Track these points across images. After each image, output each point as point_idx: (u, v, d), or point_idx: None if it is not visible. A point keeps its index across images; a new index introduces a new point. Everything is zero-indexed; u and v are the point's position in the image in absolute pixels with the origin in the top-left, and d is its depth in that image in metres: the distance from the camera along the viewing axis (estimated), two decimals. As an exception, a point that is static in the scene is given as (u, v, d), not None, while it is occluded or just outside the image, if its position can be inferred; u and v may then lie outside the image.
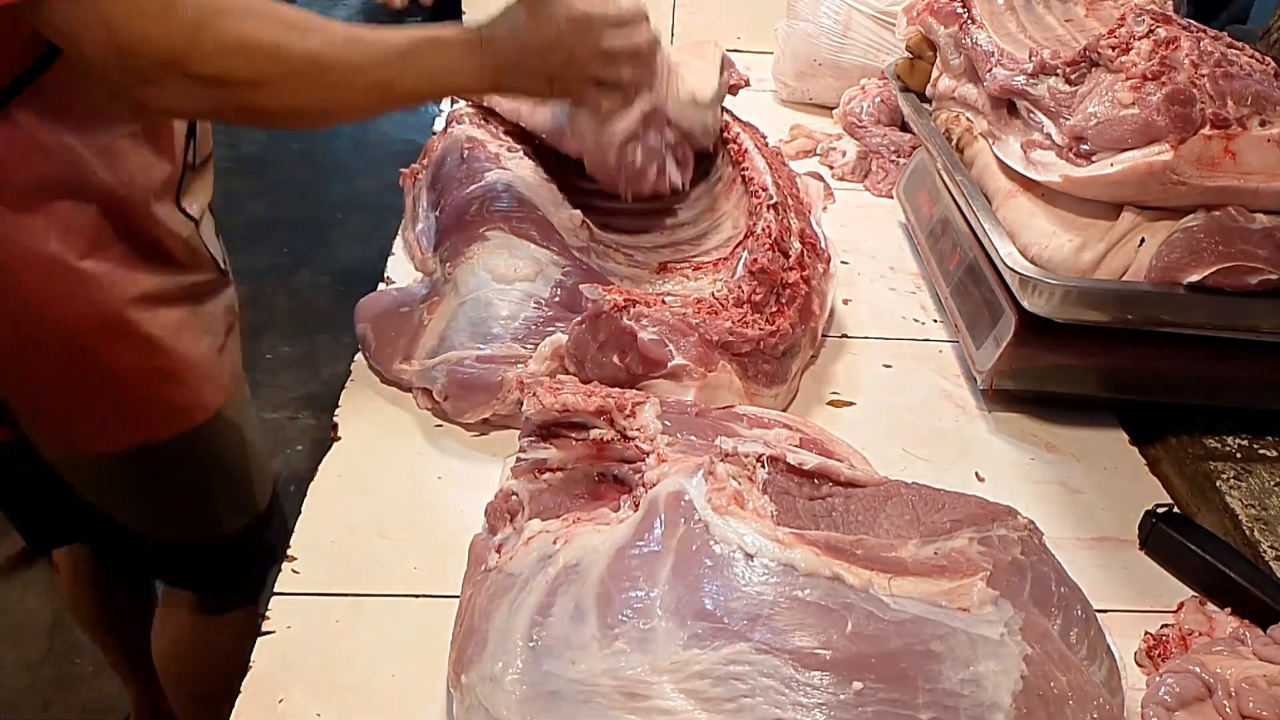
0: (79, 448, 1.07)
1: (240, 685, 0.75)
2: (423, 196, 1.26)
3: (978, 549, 0.67)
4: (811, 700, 0.56)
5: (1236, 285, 0.92)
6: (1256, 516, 0.92)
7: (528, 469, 0.79)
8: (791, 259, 1.06)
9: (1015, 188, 1.05)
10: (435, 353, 0.99)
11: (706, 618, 0.59)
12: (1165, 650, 0.79)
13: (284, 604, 0.80)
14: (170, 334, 1.02)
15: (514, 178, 1.12)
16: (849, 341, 1.19)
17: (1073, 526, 0.95)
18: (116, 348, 0.99)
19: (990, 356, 1.04)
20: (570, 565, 0.66)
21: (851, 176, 1.59)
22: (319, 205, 3.76)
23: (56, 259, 0.92)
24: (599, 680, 0.59)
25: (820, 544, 0.62)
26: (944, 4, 1.25)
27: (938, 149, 1.18)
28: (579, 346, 0.94)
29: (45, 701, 1.96)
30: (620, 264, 1.09)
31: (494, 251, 1.02)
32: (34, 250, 0.91)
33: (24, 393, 1.01)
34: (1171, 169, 0.88)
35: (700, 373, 0.94)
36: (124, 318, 0.98)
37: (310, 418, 2.43)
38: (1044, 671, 0.59)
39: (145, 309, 0.99)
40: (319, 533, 0.86)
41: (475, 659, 0.64)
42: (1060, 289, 0.93)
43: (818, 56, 1.79)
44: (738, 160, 1.22)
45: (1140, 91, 0.89)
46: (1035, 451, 1.04)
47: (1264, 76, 0.92)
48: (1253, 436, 1.02)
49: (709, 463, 0.68)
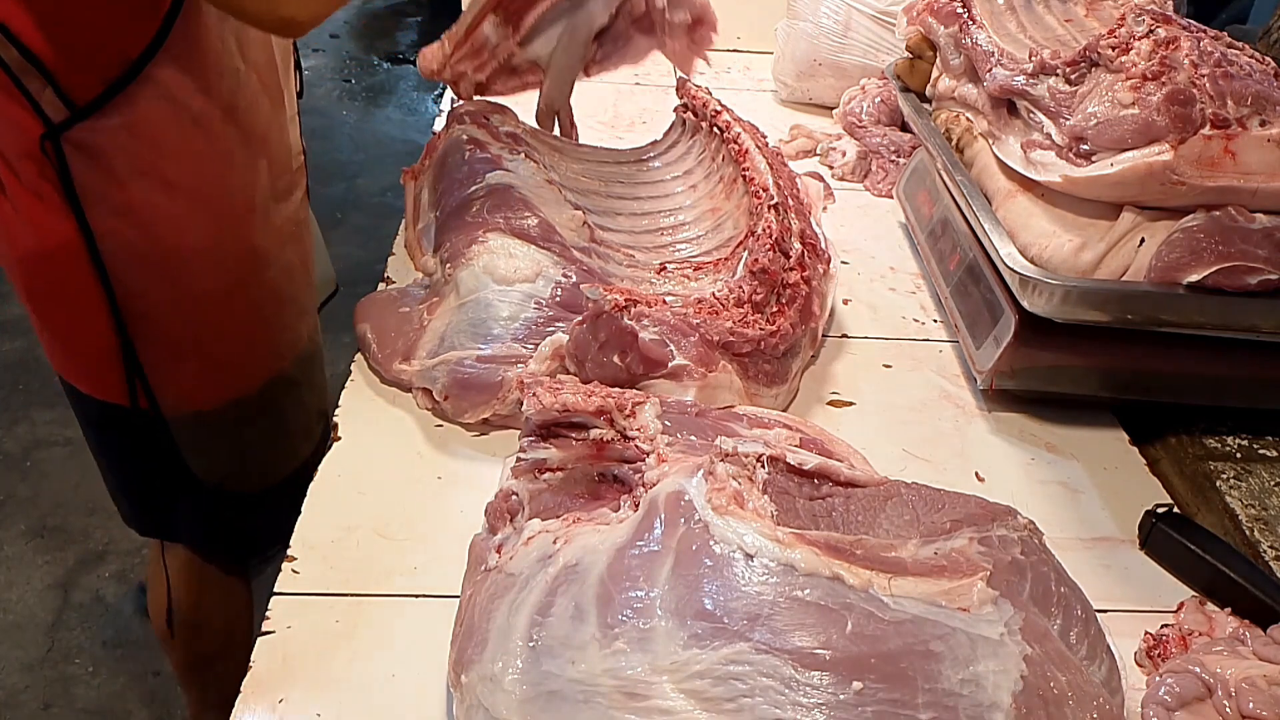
0: (209, 398, 1.20)
1: (238, 641, 0.77)
2: (423, 196, 1.26)
3: (978, 549, 0.67)
4: (811, 700, 0.56)
5: (1236, 285, 0.92)
6: (1256, 516, 0.92)
7: (528, 469, 0.79)
8: (792, 259, 1.06)
9: (1015, 188, 1.05)
10: (435, 353, 0.99)
11: (706, 618, 0.59)
12: (1165, 650, 0.79)
13: (284, 604, 0.80)
14: (296, 261, 1.22)
15: (515, 178, 1.12)
16: (849, 341, 1.19)
17: (1073, 526, 0.95)
18: (260, 278, 1.17)
19: (990, 356, 1.04)
20: (570, 565, 0.66)
21: (851, 176, 1.59)
22: (319, 205, 3.74)
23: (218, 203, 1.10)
24: (599, 680, 0.59)
25: (820, 544, 0.62)
26: (944, 4, 1.25)
27: (938, 149, 1.18)
28: (579, 346, 0.94)
29: (45, 701, 1.96)
30: (621, 264, 1.09)
31: (494, 252, 1.02)
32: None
33: (169, 347, 1.14)
34: (1171, 169, 0.88)
35: (701, 373, 0.94)
36: (260, 248, 1.16)
37: (310, 418, 2.46)
38: (1044, 671, 0.59)
39: (276, 239, 1.18)
40: (319, 533, 0.86)
41: (475, 659, 0.64)
42: (1060, 289, 0.93)
43: (818, 56, 1.79)
44: (738, 160, 1.22)
45: (1140, 91, 0.89)
46: (1035, 451, 1.04)
47: (1264, 76, 0.92)
48: (1253, 436, 1.02)
49: (709, 463, 0.68)
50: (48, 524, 2.34)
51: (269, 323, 1.23)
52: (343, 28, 5.71)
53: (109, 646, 2.08)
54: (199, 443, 1.22)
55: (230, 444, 1.24)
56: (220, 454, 1.25)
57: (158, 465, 1.22)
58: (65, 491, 2.43)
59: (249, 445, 1.26)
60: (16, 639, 2.07)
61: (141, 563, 2.25)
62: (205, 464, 1.24)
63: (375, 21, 5.89)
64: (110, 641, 2.09)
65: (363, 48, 5.47)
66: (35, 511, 2.37)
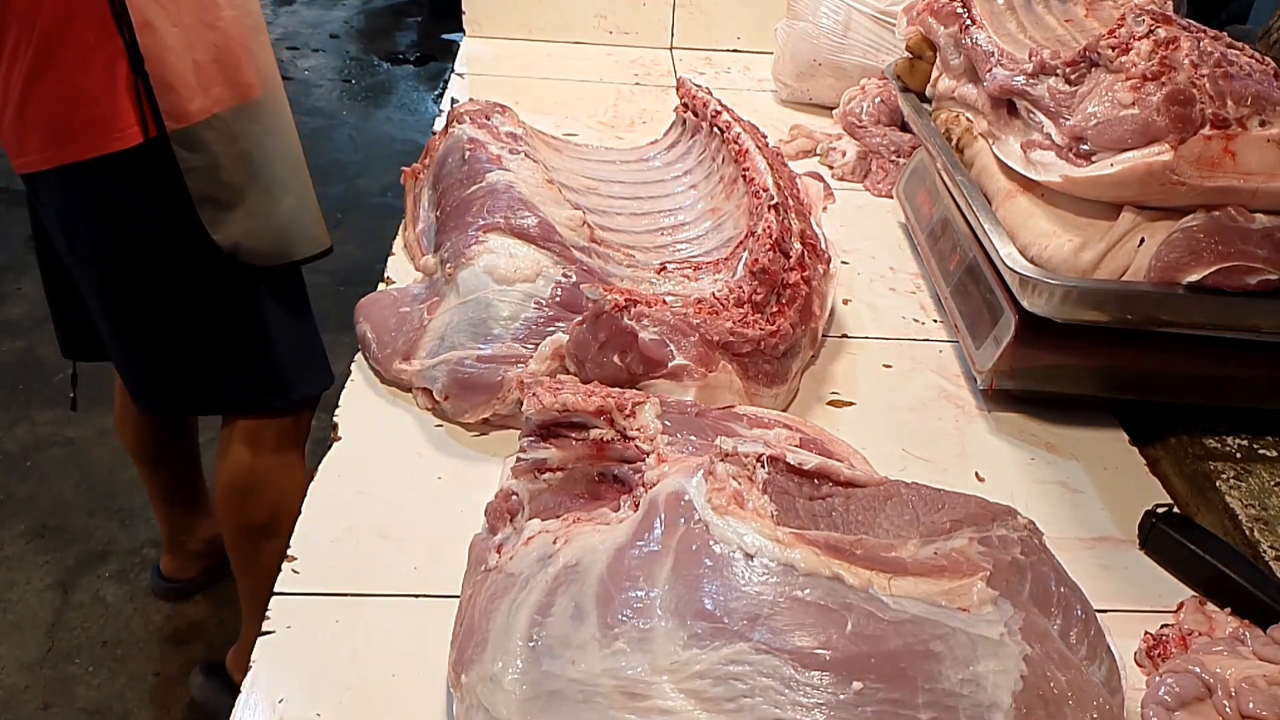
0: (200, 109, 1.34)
1: (284, 522, 0.81)
2: (423, 196, 1.26)
3: (978, 549, 0.67)
4: (811, 700, 0.56)
5: (1236, 285, 0.92)
6: (1256, 516, 0.92)
7: (528, 469, 0.79)
8: (792, 259, 1.06)
9: (1015, 188, 1.05)
10: (435, 353, 0.99)
11: (706, 618, 0.59)
12: (1165, 650, 0.79)
13: (284, 604, 0.80)
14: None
15: (515, 178, 1.12)
16: (849, 341, 1.19)
17: (1073, 526, 0.95)
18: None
19: (990, 356, 1.04)
20: (570, 565, 0.66)
21: (851, 176, 1.59)
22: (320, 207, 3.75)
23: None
24: (599, 680, 0.59)
25: (820, 544, 0.62)
26: (944, 4, 1.25)
27: (938, 149, 1.18)
28: (579, 346, 0.94)
29: (45, 701, 1.96)
30: (621, 264, 1.09)
31: (495, 252, 1.02)
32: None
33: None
34: (1171, 169, 0.88)
35: (701, 373, 0.94)
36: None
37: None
38: (1044, 671, 0.59)
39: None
40: (319, 533, 0.86)
41: (475, 659, 0.64)
42: (1060, 289, 0.93)
43: (817, 56, 1.79)
44: (738, 160, 1.22)
45: (1140, 92, 0.89)
46: (1035, 451, 1.04)
47: (1264, 76, 0.92)
48: (1253, 436, 1.02)
49: (709, 463, 0.68)
50: (48, 524, 2.34)
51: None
52: (343, 28, 5.72)
53: (109, 646, 2.08)
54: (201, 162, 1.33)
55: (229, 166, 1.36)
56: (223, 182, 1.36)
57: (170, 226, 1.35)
58: (65, 491, 2.43)
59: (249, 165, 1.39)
60: (16, 639, 2.07)
61: (141, 563, 2.25)
62: (212, 213, 1.35)
63: (375, 21, 5.89)
64: (110, 641, 2.09)
65: (363, 48, 5.47)
66: (35, 511, 2.37)
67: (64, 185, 1.31)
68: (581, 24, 2.13)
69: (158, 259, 1.37)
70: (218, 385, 1.51)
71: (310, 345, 1.60)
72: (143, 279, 1.38)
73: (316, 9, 5.95)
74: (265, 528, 1.63)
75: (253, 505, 1.62)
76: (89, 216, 1.33)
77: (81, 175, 1.28)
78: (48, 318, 1.68)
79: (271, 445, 1.59)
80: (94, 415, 2.62)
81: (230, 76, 1.34)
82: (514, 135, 1.25)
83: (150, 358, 1.46)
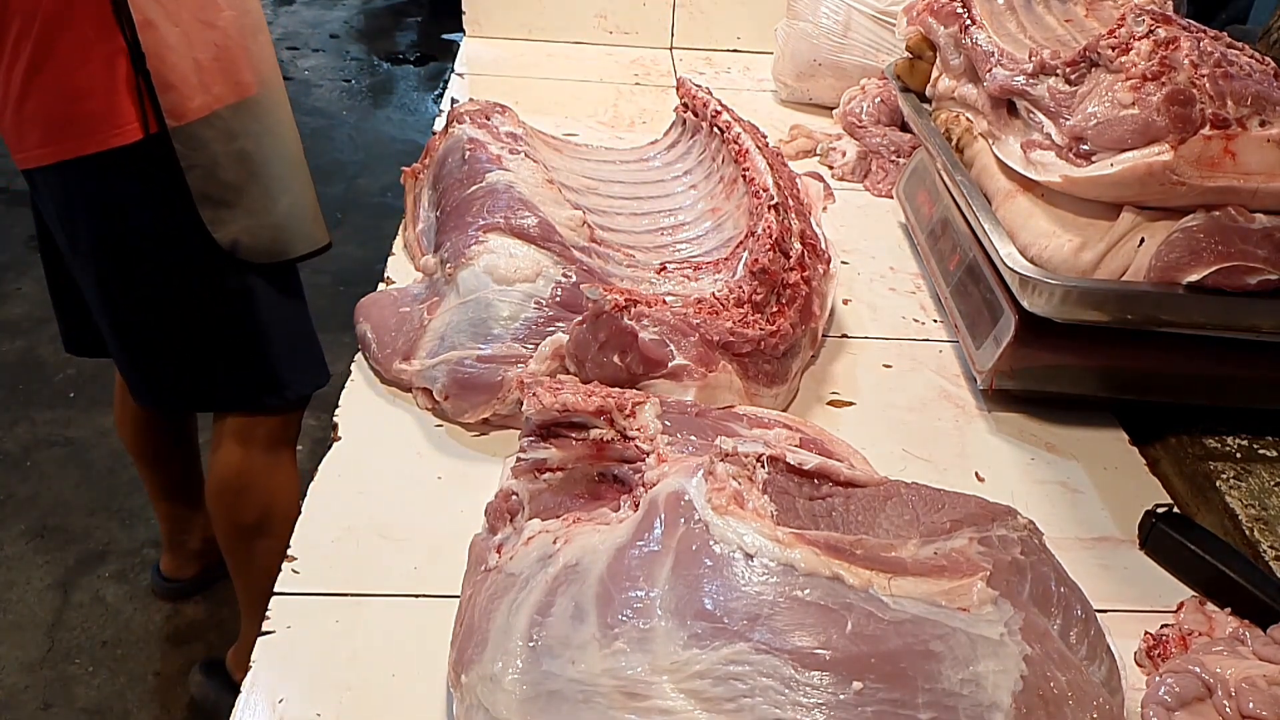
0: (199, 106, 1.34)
1: (276, 520, 0.82)
2: (423, 196, 1.26)
3: (978, 549, 0.67)
4: (811, 700, 0.56)
5: (1236, 285, 0.92)
6: (1256, 516, 0.92)
7: (528, 469, 0.79)
8: (792, 259, 1.06)
9: (1015, 188, 1.05)
10: (435, 353, 0.99)
11: (706, 618, 0.59)
12: (1165, 650, 0.79)
13: (284, 604, 0.80)
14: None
15: (515, 178, 1.12)
16: (849, 341, 1.19)
17: (1073, 526, 0.95)
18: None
19: (990, 356, 1.04)
20: (570, 565, 0.66)
21: (851, 176, 1.59)
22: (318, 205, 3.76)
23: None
24: (599, 680, 0.59)
25: (820, 544, 0.62)
26: (944, 4, 1.25)
27: (938, 149, 1.18)
28: (579, 346, 0.94)
29: (45, 701, 1.96)
30: (621, 264, 1.09)
31: (495, 252, 1.02)
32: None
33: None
34: (1171, 169, 0.88)
35: (701, 373, 0.94)
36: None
37: (310, 418, 2.45)
38: (1044, 671, 0.59)
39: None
40: (319, 533, 0.86)
41: (475, 659, 0.64)
42: (1060, 289, 0.93)
43: (818, 56, 1.79)
44: (738, 160, 1.22)
45: (1140, 92, 0.89)
46: (1035, 451, 1.04)
47: (1264, 76, 0.92)
48: (1253, 436, 1.02)
49: (709, 463, 0.68)
50: (48, 524, 2.34)
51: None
52: (343, 28, 5.71)
53: (109, 646, 2.08)
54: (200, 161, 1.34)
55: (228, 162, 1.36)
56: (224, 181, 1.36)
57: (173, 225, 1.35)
58: (65, 491, 2.43)
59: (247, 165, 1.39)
60: (16, 639, 2.07)
61: (141, 563, 2.25)
62: (212, 211, 1.36)
63: (375, 21, 5.89)
64: (110, 641, 2.09)
65: (363, 48, 5.47)
66: (35, 511, 2.37)
67: (64, 181, 1.31)
68: (581, 24, 2.13)
69: (157, 255, 1.37)
70: (215, 382, 1.52)
71: (306, 343, 1.60)
72: (141, 275, 1.38)
73: (316, 9, 5.95)
74: (257, 526, 1.63)
75: (244, 504, 1.62)
76: (88, 213, 1.33)
77: (81, 171, 1.28)
78: (48, 318, 1.68)
79: (263, 444, 1.60)
80: (94, 415, 2.62)
81: (230, 75, 1.34)
82: (514, 135, 1.25)
83: (149, 353, 1.46)
